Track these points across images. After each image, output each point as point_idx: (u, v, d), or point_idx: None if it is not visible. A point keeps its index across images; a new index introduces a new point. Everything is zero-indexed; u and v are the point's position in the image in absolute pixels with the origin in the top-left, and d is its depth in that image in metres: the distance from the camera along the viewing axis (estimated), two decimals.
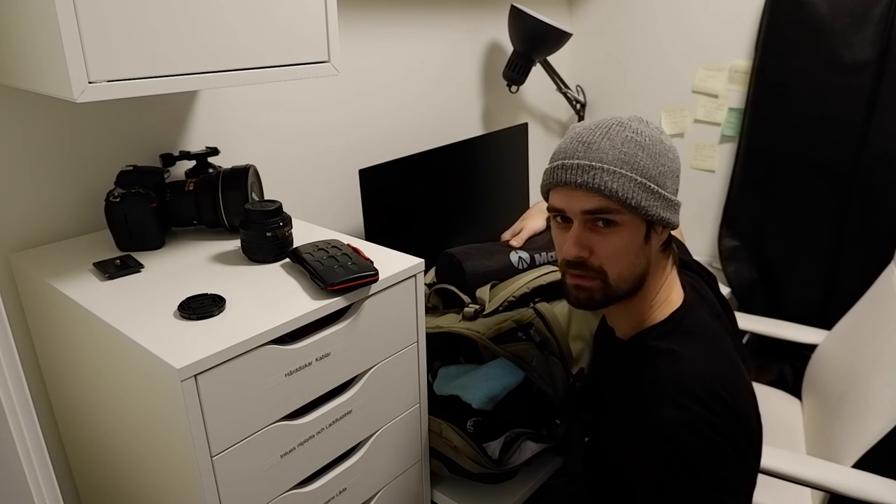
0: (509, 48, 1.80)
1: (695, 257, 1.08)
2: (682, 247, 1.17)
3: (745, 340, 1.84)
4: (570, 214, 0.88)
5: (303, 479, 0.94)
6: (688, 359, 0.85)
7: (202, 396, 0.76)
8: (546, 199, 0.94)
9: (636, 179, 0.84)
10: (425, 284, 1.09)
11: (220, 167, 1.13)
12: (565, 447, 1.18)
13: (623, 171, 0.83)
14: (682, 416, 0.80)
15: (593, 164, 0.84)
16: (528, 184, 1.90)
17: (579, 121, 2.11)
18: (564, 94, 2.02)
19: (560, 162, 0.87)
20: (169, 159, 1.15)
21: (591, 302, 0.91)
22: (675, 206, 0.89)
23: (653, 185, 0.85)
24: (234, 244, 1.09)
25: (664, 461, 0.80)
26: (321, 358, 0.90)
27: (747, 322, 1.65)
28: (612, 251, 0.86)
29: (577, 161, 0.85)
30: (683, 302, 0.92)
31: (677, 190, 0.90)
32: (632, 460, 0.87)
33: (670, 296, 0.93)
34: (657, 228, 0.88)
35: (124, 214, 1.02)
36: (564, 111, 2.24)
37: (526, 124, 1.84)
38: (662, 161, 0.86)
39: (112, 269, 0.96)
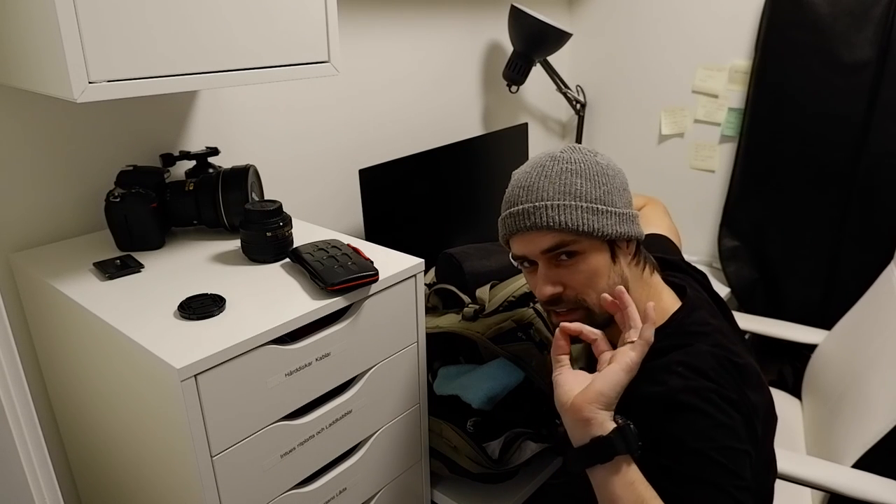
0: (509, 48, 1.80)
1: (695, 257, 1.08)
2: (672, 247, 1.17)
3: None
4: (532, 258, 0.90)
5: (303, 479, 0.94)
6: (695, 346, 0.84)
7: (202, 396, 0.76)
8: (508, 249, 0.96)
9: (581, 206, 0.85)
10: (425, 284, 1.09)
11: (220, 167, 1.13)
12: (565, 447, 1.18)
13: (566, 202, 0.85)
14: (690, 384, 0.80)
15: (536, 204, 0.86)
16: None
17: (579, 121, 2.12)
18: (564, 94, 2.02)
19: (507, 211, 0.90)
20: (169, 159, 1.15)
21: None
22: (631, 219, 0.89)
23: (600, 206, 0.86)
24: (234, 244, 1.09)
25: (671, 427, 0.79)
26: (321, 358, 0.90)
27: (747, 322, 1.65)
28: (584, 280, 0.87)
29: (521, 206, 0.88)
30: (682, 305, 0.92)
31: (630, 202, 0.91)
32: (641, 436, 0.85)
33: (660, 303, 0.92)
34: (621, 245, 0.89)
35: (124, 214, 1.02)
36: (564, 111, 2.24)
37: (526, 124, 1.84)
38: (602, 181, 0.87)
39: (112, 269, 0.96)
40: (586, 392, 0.76)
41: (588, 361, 1.21)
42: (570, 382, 0.79)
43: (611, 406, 0.76)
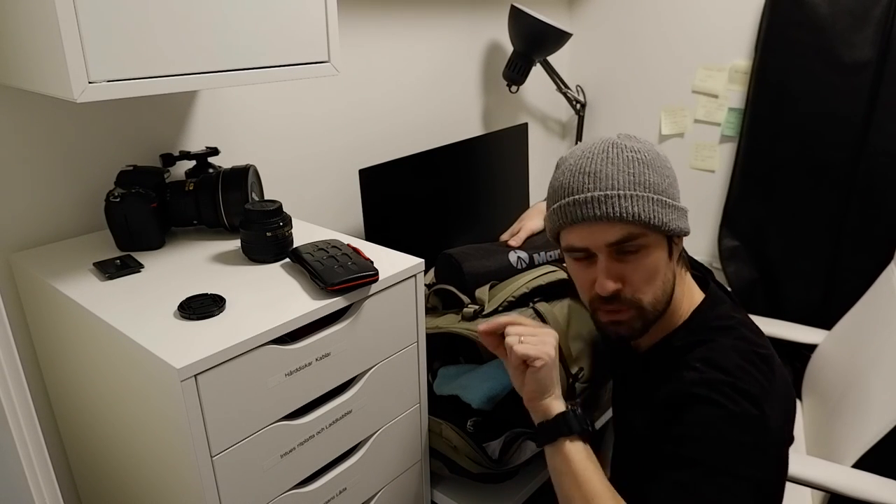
0: (509, 48, 1.80)
1: (695, 257, 1.08)
2: None
3: None
4: (594, 250, 0.85)
5: (303, 479, 0.94)
6: (717, 342, 0.84)
7: (202, 396, 0.76)
8: (556, 241, 0.91)
9: (652, 198, 0.82)
10: (424, 285, 1.09)
11: (220, 167, 1.13)
12: None
13: (639, 193, 0.82)
14: (704, 376, 0.80)
15: (608, 192, 0.81)
16: (528, 184, 1.90)
17: (579, 121, 2.11)
18: (564, 94, 2.02)
19: (571, 199, 0.84)
20: (169, 159, 1.15)
21: (633, 333, 0.89)
22: (685, 214, 0.88)
23: (667, 199, 0.84)
24: (234, 244, 1.09)
25: (683, 417, 0.79)
26: (321, 358, 0.90)
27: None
28: (645, 276, 0.85)
29: (589, 194, 0.82)
30: (705, 298, 0.92)
31: (679, 196, 0.90)
32: (653, 430, 0.85)
33: (691, 298, 0.92)
34: (676, 241, 0.88)
35: (124, 214, 1.02)
36: (564, 111, 2.24)
37: (526, 124, 1.84)
38: (666, 173, 0.85)
39: (112, 269, 0.96)
40: (524, 391, 0.90)
41: (593, 362, 1.21)
42: (520, 381, 0.90)
43: (545, 394, 0.88)
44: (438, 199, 1.57)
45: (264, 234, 0.99)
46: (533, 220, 1.47)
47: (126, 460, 0.95)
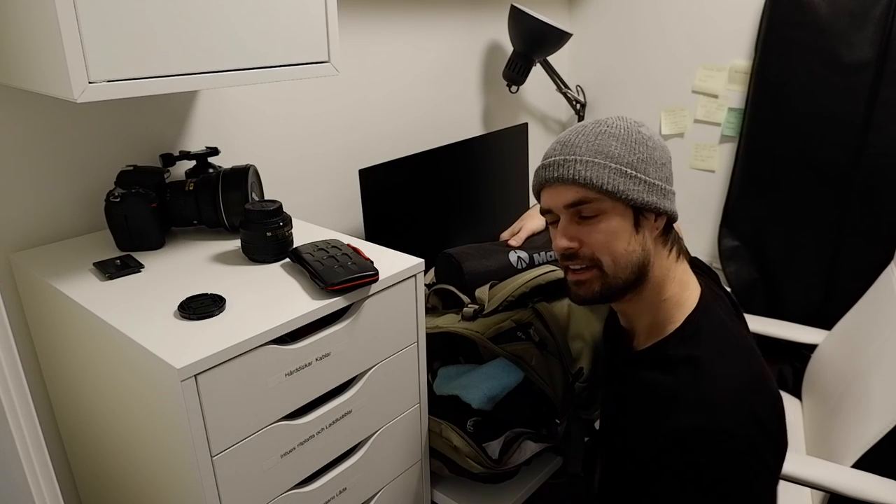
0: (509, 48, 1.80)
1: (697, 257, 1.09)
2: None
3: None
4: (556, 211, 0.91)
5: (303, 479, 0.94)
6: (708, 363, 0.84)
7: (202, 396, 0.76)
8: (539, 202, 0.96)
9: (610, 166, 0.85)
10: (424, 285, 1.10)
11: (220, 167, 1.13)
12: (565, 447, 1.18)
13: (596, 160, 0.86)
14: (697, 422, 0.80)
15: (566, 157, 0.87)
16: (528, 184, 1.90)
17: (579, 121, 2.11)
18: (564, 94, 2.02)
19: (541, 163, 0.92)
20: (169, 159, 1.15)
21: (592, 294, 0.90)
22: (662, 191, 0.88)
23: (629, 171, 0.86)
24: (234, 244, 1.09)
25: (677, 470, 0.80)
26: (321, 358, 0.90)
27: (747, 322, 1.65)
28: (601, 240, 0.87)
29: (552, 159, 0.89)
30: (699, 302, 0.91)
31: (667, 179, 0.90)
32: (645, 467, 0.86)
33: (685, 292, 0.92)
34: (646, 215, 0.88)
35: (124, 214, 1.02)
36: (564, 111, 2.24)
37: (526, 124, 1.84)
38: (639, 149, 0.87)
39: (112, 269, 0.96)
40: None
41: (594, 361, 1.21)
42: None
43: None
44: (438, 199, 1.57)
45: (264, 234, 0.99)
46: (533, 220, 1.47)
47: (126, 460, 0.95)
